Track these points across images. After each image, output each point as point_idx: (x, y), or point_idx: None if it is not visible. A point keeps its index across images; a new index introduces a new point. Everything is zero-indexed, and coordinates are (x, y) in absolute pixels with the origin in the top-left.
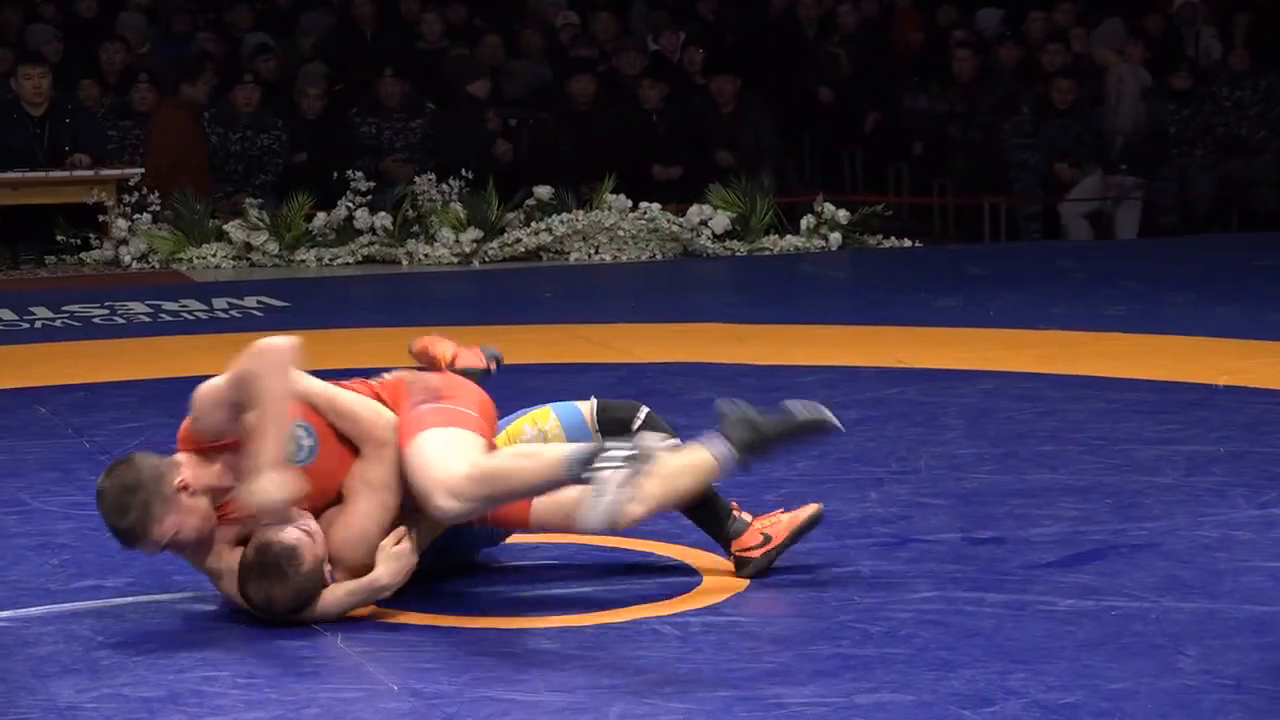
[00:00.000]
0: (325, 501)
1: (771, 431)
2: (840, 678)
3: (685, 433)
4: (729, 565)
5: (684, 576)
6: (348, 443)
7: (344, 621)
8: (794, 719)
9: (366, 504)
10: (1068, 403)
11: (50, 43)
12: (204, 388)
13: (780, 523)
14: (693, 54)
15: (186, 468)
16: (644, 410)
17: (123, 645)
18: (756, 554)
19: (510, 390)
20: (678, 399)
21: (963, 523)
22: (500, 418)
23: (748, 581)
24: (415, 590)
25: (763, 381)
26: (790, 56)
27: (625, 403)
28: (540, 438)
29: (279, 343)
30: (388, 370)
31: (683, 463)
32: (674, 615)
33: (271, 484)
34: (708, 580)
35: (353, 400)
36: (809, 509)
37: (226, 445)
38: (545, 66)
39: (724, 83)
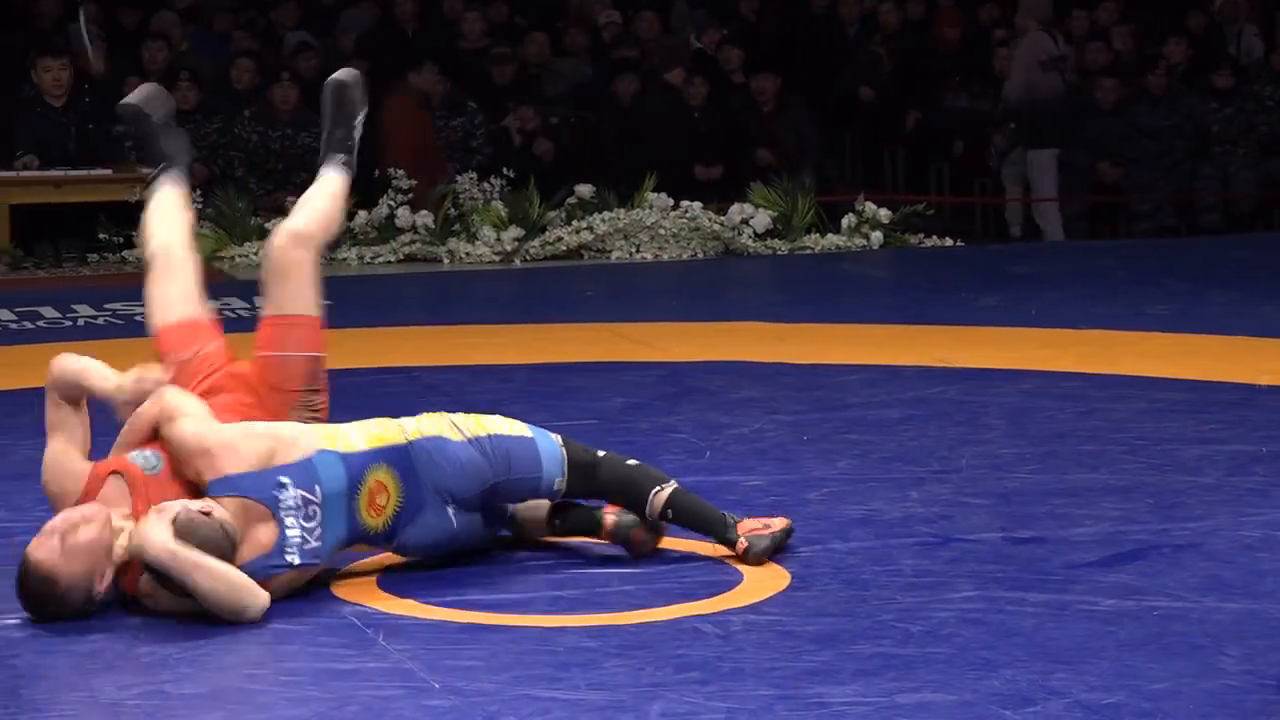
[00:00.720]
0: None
1: None
2: (882, 677)
3: (726, 430)
4: (773, 564)
5: (725, 575)
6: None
7: (385, 620)
8: (836, 718)
9: None
10: (1109, 402)
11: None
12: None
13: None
14: (729, 52)
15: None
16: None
17: (165, 642)
18: (765, 533)
19: (553, 389)
20: (719, 398)
21: (1004, 522)
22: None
23: (789, 580)
24: (455, 588)
25: (804, 381)
26: (831, 55)
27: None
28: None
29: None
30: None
31: None
32: (715, 614)
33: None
34: (749, 579)
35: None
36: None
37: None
38: (587, 65)
39: (764, 81)
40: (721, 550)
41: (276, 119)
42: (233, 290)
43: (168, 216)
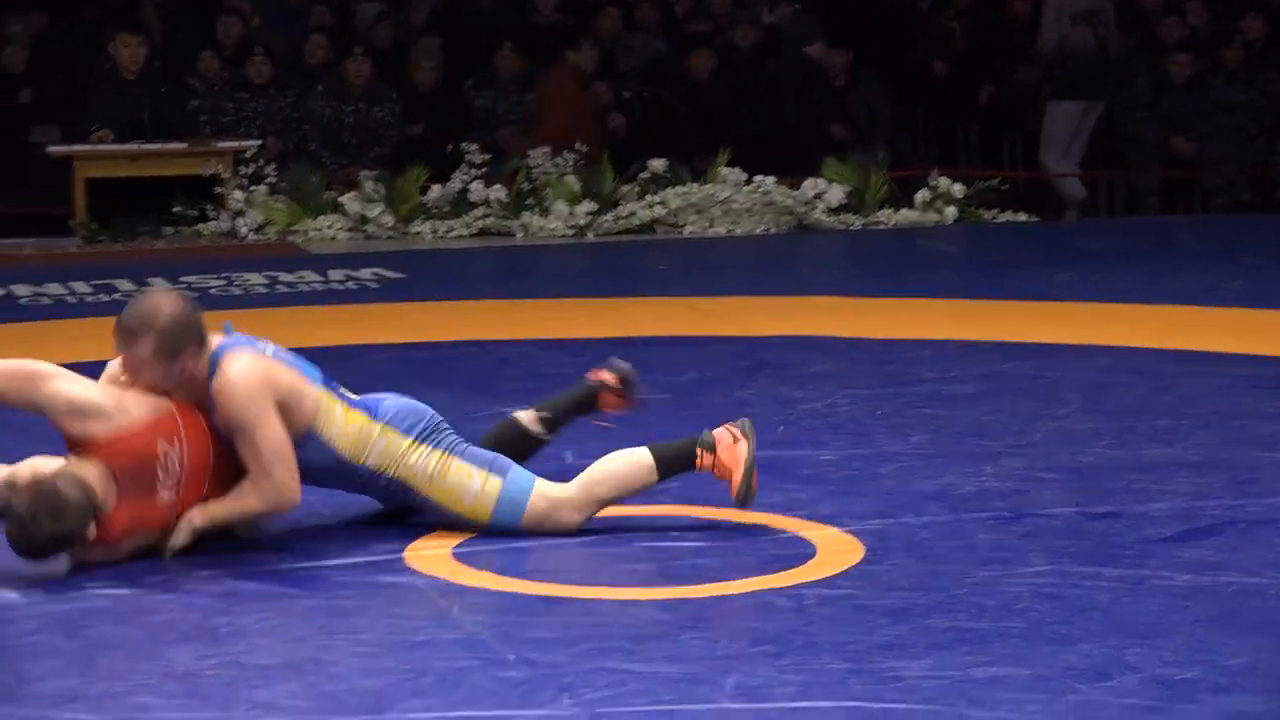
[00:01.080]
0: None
1: None
2: (956, 651)
3: (799, 405)
4: (846, 538)
5: (799, 549)
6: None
7: (460, 591)
8: (910, 692)
9: None
10: (1185, 378)
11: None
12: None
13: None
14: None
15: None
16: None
17: (241, 613)
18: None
19: (629, 361)
20: (793, 372)
21: (1079, 497)
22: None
23: (863, 554)
24: (529, 560)
25: (877, 355)
26: (904, 30)
27: None
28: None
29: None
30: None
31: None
32: (789, 587)
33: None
34: (823, 553)
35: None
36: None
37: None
38: (660, 40)
39: (836, 56)
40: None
41: (349, 93)
42: (306, 264)
43: None
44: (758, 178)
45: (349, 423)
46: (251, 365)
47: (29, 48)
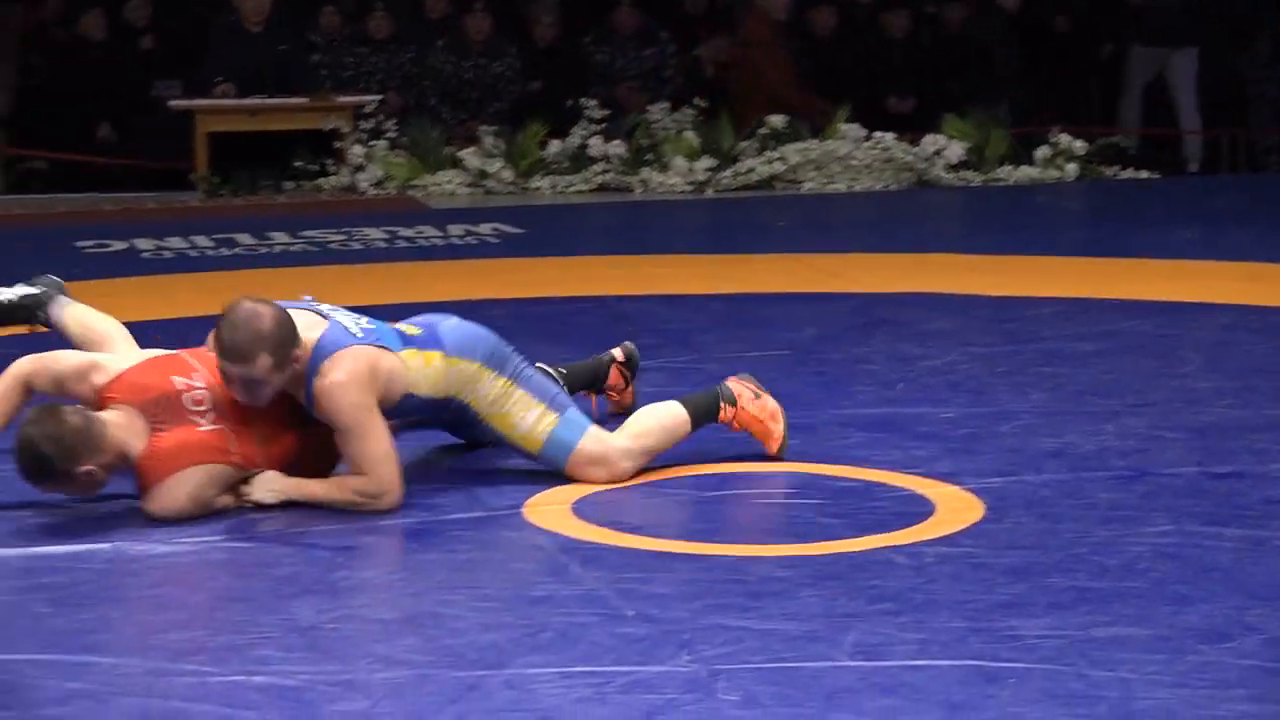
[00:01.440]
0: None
1: None
2: (1076, 610)
3: (918, 362)
4: (966, 496)
5: (919, 506)
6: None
7: (579, 547)
8: (1029, 651)
9: None
10: None
11: None
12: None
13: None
14: None
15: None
16: None
17: (361, 567)
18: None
19: (745, 319)
20: (912, 329)
21: (1200, 457)
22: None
23: (982, 513)
24: (648, 516)
25: (996, 313)
26: None
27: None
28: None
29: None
30: None
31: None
32: (909, 545)
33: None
34: (942, 511)
35: None
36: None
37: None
38: None
39: (954, 12)
40: None
41: (469, 48)
42: (425, 219)
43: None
44: (877, 134)
45: (428, 367)
46: (355, 371)
47: (152, 2)
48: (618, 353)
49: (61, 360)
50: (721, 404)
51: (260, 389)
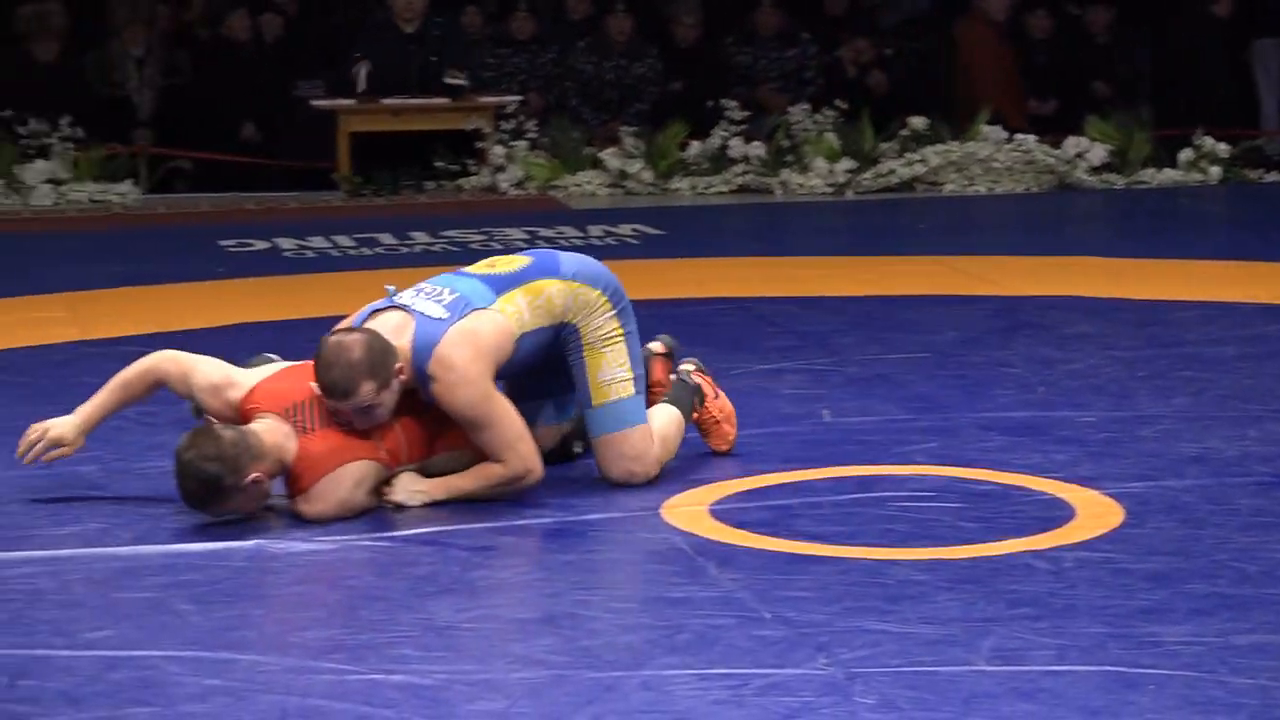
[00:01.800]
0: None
1: None
2: (1216, 617)
3: (1059, 366)
4: (1106, 501)
5: (1058, 511)
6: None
7: (717, 549)
8: (1169, 657)
9: None
10: None
11: None
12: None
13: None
14: None
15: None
16: None
17: (499, 567)
18: None
19: (885, 322)
20: (1053, 333)
21: None
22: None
23: (1123, 517)
24: (785, 519)
25: (1139, 317)
26: None
27: None
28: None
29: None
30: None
31: None
32: (1048, 550)
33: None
34: (1082, 515)
35: None
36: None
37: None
38: None
39: (1099, 12)
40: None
41: (611, 49)
42: (565, 220)
43: None
44: (1019, 136)
45: (538, 298)
46: (462, 363)
47: (297, 3)
48: (656, 346)
49: (199, 371)
50: (695, 402)
51: (375, 412)
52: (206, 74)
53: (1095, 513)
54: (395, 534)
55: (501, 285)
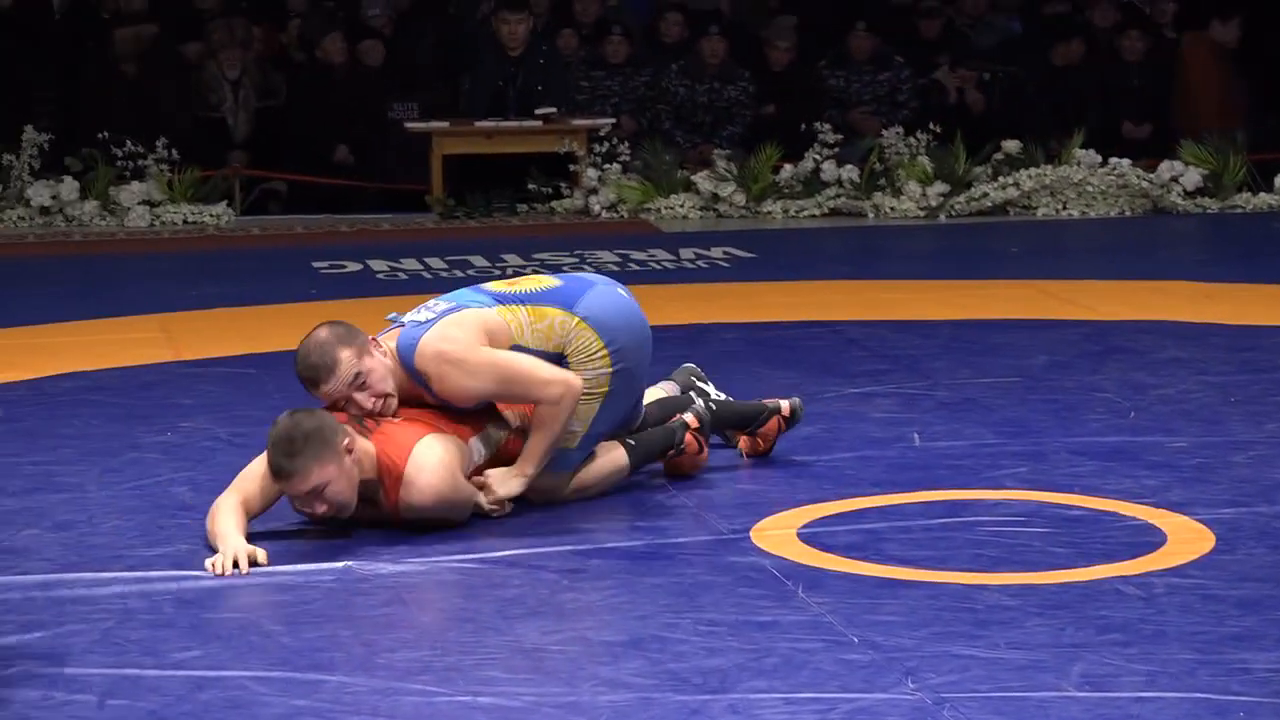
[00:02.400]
0: None
1: None
2: None
3: (1151, 391)
4: (1197, 527)
5: (1148, 537)
6: None
7: (804, 572)
8: (1259, 685)
9: None
10: None
11: None
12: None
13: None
14: (1163, 6)
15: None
16: None
17: (587, 590)
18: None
19: (977, 345)
20: (1145, 358)
21: None
22: None
23: (1213, 543)
24: (873, 543)
25: (1232, 342)
26: (1266, 11)
27: None
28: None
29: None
30: None
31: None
32: (1138, 576)
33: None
34: (1173, 541)
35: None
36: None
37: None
38: (1014, 20)
39: (1194, 38)
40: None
41: (704, 72)
42: (657, 242)
43: None
44: (1113, 160)
45: (538, 322)
46: (446, 341)
47: (392, 25)
48: (784, 405)
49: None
50: (671, 451)
51: (371, 379)
52: (301, 97)
53: (1186, 539)
54: (483, 556)
55: (508, 300)
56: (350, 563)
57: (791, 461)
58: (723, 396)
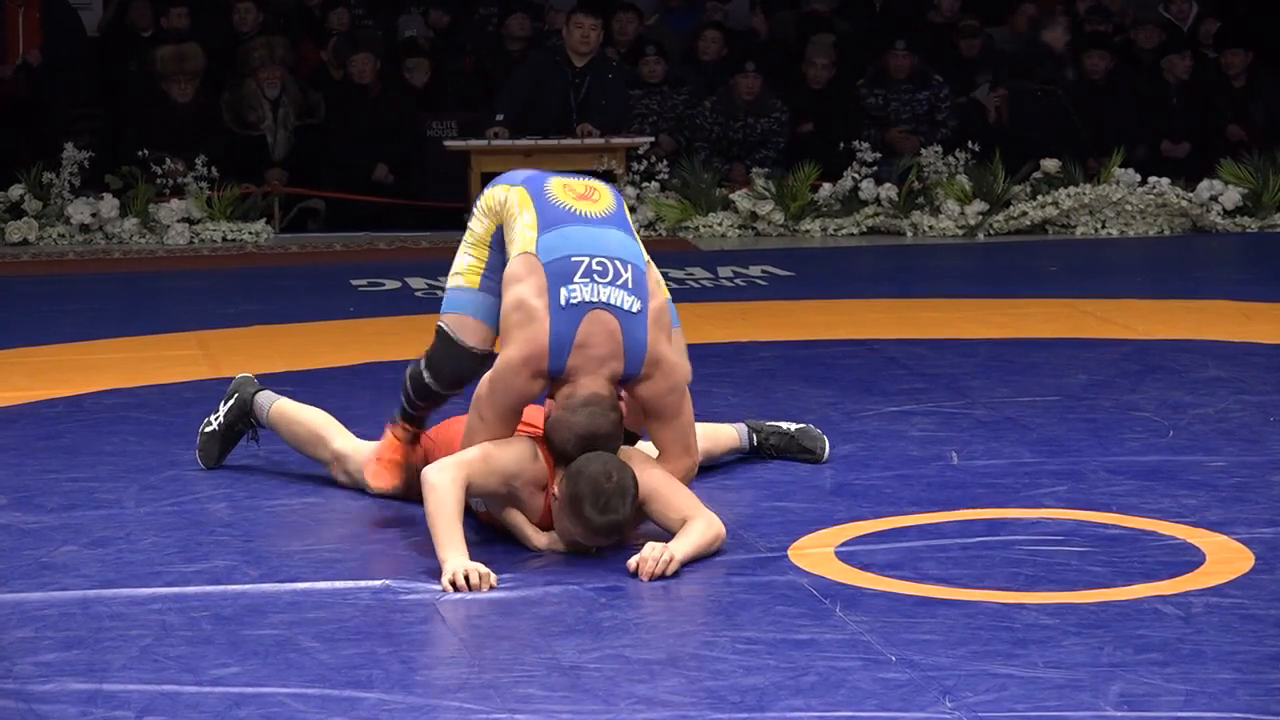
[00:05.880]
0: None
1: None
2: None
3: (1190, 410)
4: (1236, 546)
5: (1187, 556)
6: None
7: (842, 591)
8: None
9: None
10: None
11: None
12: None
13: None
14: (1209, 25)
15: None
16: None
17: (624, 608)
18: None
19: (1015, 364)
20: (1184, 376)
21: None
22: None
23: (1253, 563)
24: (912, 561)
25: (1271, 360)
26: None
27: None
28: None
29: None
30: None
31: None
32: (1176, 595)
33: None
34: (1211, 561)
35: None
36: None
37: None
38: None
39: (1235, 55)
40: None
41: (736, 109)
42: (696, 261)
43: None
44: (1152, 179)
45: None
46: (672, 356)
47: (432, 43)
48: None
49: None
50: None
51: None
52: (339, 115)
53: (1225, 558)
54: (521, 574)
55: (621, 223)
56: (388, 580)
57: (829, 480)
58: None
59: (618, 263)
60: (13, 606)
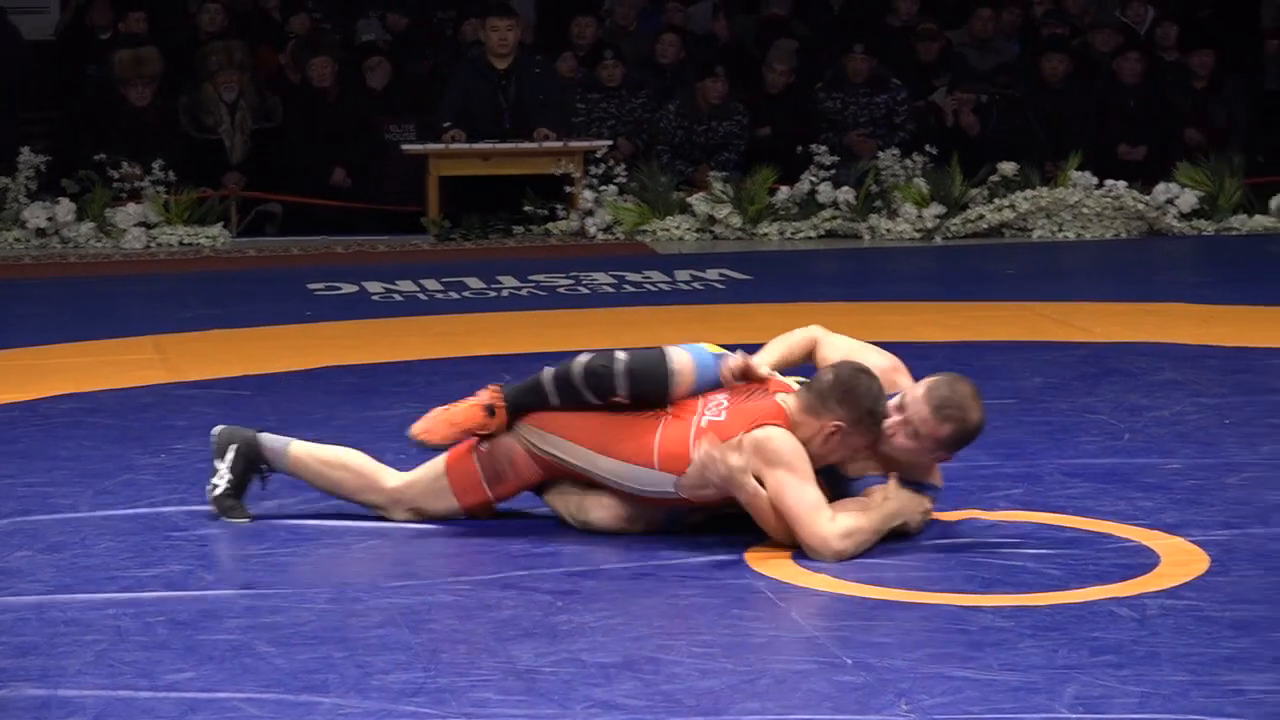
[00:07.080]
0: None
1: None
2: None
3: (1146, 413)
4: (1191, 548)
5: (1142, 558)
6: None
7: (799, 594)
8: (1252, 706)
9: None
10: None
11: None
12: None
13: None
14: (1167, 30)
15: None
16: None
17: (581, 611)
18: None
19: (971, 367)
20: (1140, 379)
21: None
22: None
23: (1208, 565)
24: (868, 564)
25: (1227, 364)
26: (1261, 32)
27: None
28: None
29: None
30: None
31: None
32: (1131, 597)
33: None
34: (1167, 563)
35: None
36: None
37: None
38: (1014, 42)
39: (1204, 56)
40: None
41: (699, 113)
42: (653, 264)
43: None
44: (1109, 182)
45: None
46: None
47: (389, 45)
48: None
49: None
50: None
51: None
52: (298, 118)
53: (1180, 560)
54: (477, 577)
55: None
56: (344, 584)
57: None
58: None
59: None
60: None
